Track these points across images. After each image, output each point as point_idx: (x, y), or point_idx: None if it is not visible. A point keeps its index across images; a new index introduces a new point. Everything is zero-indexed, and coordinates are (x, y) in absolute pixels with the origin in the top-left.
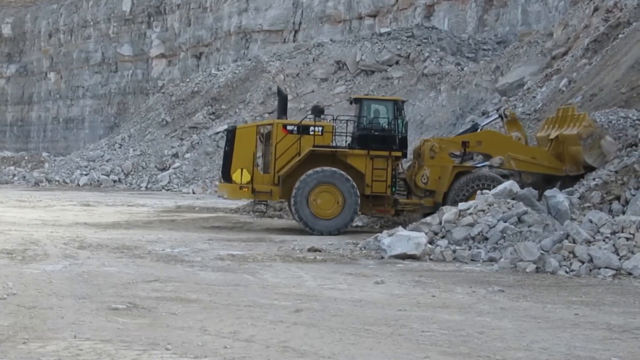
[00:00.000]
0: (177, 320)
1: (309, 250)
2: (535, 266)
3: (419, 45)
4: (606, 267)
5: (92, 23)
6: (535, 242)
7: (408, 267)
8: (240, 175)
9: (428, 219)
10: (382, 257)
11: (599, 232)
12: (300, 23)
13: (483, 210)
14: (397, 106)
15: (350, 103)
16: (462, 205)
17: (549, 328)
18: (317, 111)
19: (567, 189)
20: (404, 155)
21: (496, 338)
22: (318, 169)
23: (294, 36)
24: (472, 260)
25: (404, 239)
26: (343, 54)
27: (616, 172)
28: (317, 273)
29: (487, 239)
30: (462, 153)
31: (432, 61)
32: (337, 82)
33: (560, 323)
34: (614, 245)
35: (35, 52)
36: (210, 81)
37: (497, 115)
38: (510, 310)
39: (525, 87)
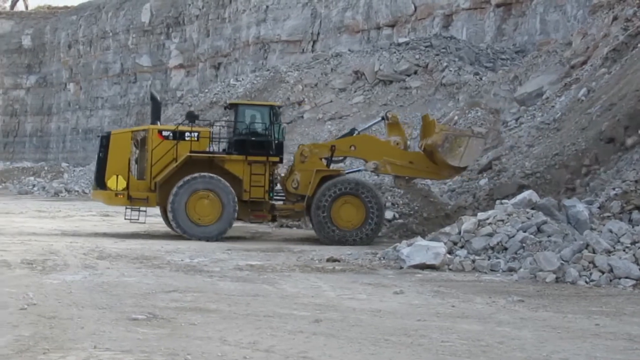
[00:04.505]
0: (197, 331)
1: (327, 260)
2: (555, 276)
3: (437, 55)
4: (626, 277)
5: (111, 34)
6: (555, 252)
7: (427, 277)
8: (116, 182)
9: (447, 228)
10: (401, 267)
11: (619, 241)
12: (318, 33)
13: (502, 220)
14: (273, 111)
15: (225, 108)
16: (481, 215)
17: (569, 338)
18: (192, 117)
19: (586, 199)
20: (281, 161)
21: (516, 348)
22: (196, 174)
23: (312, 46)
24: (491, 270)
25: (422, 249)
26: (361, 64)
27: (636, 181)
28: (336, 283)
29: (506, 248)
30: (329, 157)
31: (451, 71)
32: (355, 92)
33: (580, 333)
34: (634, 255)
35: (55, 63)
36: (228, 91)
37: (378, 120)
38: (530, 321)
39: (544, 96)
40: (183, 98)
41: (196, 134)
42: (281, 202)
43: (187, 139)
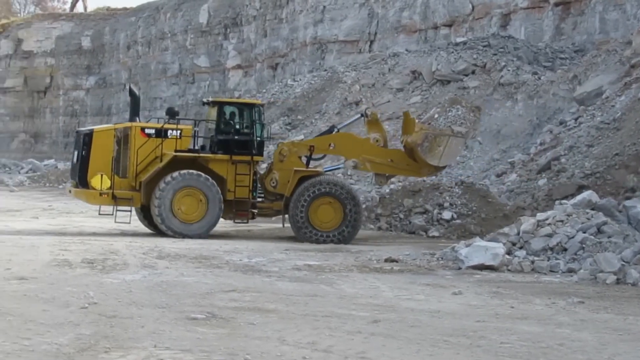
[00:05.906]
0: (256, 331)
1: (385, 260)
2: (616, 277)
3: (495, 54)
4: None
5: (169, 35)
6: (616, 253)
7: (486, 278)
8: (100, 181)
9: (506, 229)
10: (460, 268)
11: None
12: (375, 33)
13: (562, 221)
14: (257, 110)
15: (204, 104)
16: (540, 216)
17: (630, 340)
18: (172, 113)
19: None
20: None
21: (576, 350)
22: (184, 171)
23: (370, 46)
24: (550, 271)
25: (481, 249)
26: (418, 63)
27: None
28: (394, 284)
29: (566, 249)
30: (308, 157)
31: (509, 70)
32: (412, 92)
33: None
34: None
35: (114, 64)
36: (286, 92)
37: (357, 117)
38: (591, 322)
39: (604, 96)
40: (241, 99)
41: (178, 132)
42: (260, 200)
43: (170, 137)
